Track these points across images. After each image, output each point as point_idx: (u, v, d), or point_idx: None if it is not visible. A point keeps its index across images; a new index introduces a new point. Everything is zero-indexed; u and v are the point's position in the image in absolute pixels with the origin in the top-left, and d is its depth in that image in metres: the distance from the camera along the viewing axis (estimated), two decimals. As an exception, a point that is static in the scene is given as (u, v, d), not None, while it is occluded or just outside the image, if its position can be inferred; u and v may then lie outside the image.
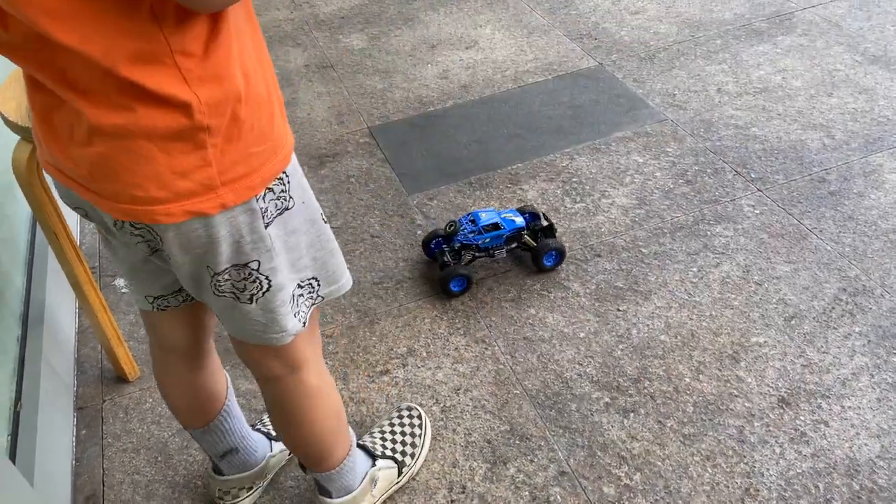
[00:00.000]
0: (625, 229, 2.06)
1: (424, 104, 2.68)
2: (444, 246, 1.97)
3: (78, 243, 2.15)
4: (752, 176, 2.19)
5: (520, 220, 1.93)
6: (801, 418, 1.56)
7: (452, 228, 1.93)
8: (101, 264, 2.14)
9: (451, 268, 1.88)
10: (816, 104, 2.45)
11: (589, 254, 2.00)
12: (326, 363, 1.77)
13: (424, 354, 1.78)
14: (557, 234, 2.04)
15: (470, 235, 1.91)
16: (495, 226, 1.91)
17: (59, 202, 1.50)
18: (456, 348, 1.78)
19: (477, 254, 1.94)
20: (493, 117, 2.57)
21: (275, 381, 1.13)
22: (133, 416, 1.71)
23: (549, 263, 1.94)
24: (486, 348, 1.77)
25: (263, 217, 0.92)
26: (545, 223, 1.97)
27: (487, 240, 1.91)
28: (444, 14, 3.24)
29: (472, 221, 1.91)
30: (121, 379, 1.79)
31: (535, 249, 1.92)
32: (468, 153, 2.42)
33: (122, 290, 2.04)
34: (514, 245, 1.96)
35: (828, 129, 2.34)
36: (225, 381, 1.33)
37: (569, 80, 2.71)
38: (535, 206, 2.15)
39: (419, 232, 2.13)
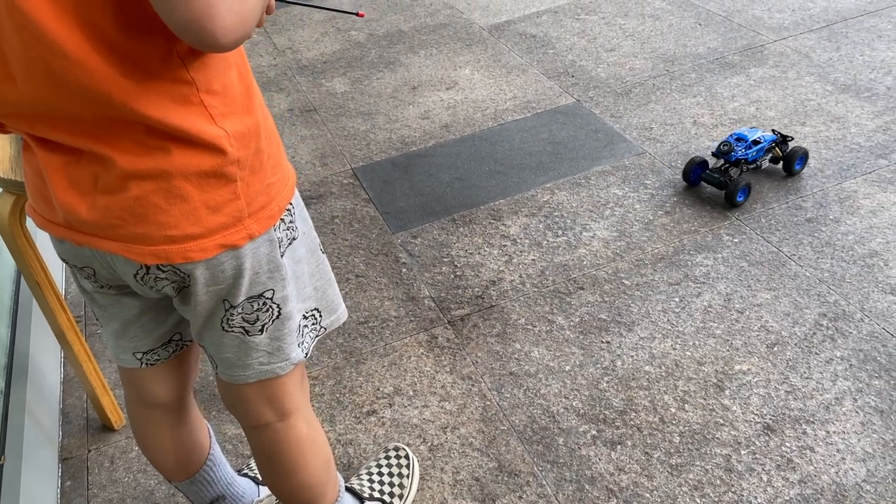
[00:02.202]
0: (606, 262, 2.08)
1: (407, 144, 2.72)
2: (707, 170, 2.27)
3: (63, 293, 2.15)
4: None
5: (770, 135, 2.28)
6: (787, 445, 1.56)
7: (727, 147, 2.23)
8: (86, 313, 2.14)
9: (733, 182, 2.18)
10: (790, 133, 2.50)
11: (572, 287, 2.01)
12: (313, 405, 1.77)
13: (411, 393, 1.78)
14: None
15: (743, 151, 2.22)
16: (756, 141, 2.25)
17: (42, 252, 1.51)
18: (443, 386, 1.79)
19: (747, 166, 2.26)
20: (475, 155, 2.61)
21: (264, 428, 1.13)
22: (119, 465, 1.69)
23: (798, 167, 2.29)
24: (472, 385, 1.78)
25: (280, 246, 0.95)
26: (780, 137, 2.29)
27: (754, 153, 2.24)
28: (424, 56, 3.31)
29: (739, 140, 2.24)
30: (106, 428, 1.78)
31: (786, 157, 2.27)
32: (451, 191, 2.45)
33: (108, 338, 2.04)
34: (769, 156, 2.29)
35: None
36: (207, 430, 1.33)
37: (547, 117, 2.76)
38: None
39: (404, 270, 2.15)
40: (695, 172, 2.29)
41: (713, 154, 2.26)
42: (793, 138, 2.30)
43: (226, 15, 0.68)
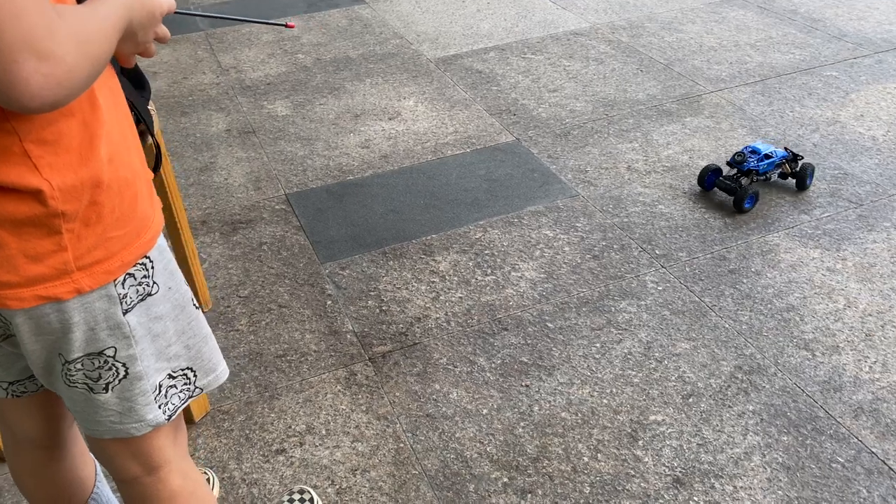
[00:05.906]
0: (532, 303, 2.08)
1: (344, 172, 2.69)
2: (720, 177, 2.45)
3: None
4: (657, 252, 2.25)
5: (782, 152, 2.45)
6: (695, 499, 1.56)
7: (741, 158, 2.41)
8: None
9: (742, 189, 2.36)
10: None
11: (497, 327, 2.00)
12: (221, 441, 1.71)
13: (324, 432, 1.73)
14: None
15: (755, 163, 2.40)
16: (768, 155, 2.42)
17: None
18: (357, 426, 1.74)
19: (757, 177, 2.44)
20: (411, 188, 2.59)
21: (132, 482, 1.06)
22: None
23: (810, 182, 2.49)
24: (387, 426, 1.74)
25: (122, 303, 0.89)
26: (791, 154, 2.47)
27: (765, 165, 2.41)
28: (369, 84, 3.29)
29: (753, 152, 2.43)
30: (-3, 458, 1.69)
31: (797, 173, 2.46)
32: (384, 223, 2.43)
33: None
34: (778, 171, 2.47)
35: (729, 208, 2.43)
36: (93, 465, 1.26)
37: (486, 153, 2.77)
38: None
39: (329, 302, 2.11)
40: (709, 179, 2.47)
41: (727, 163, 2.45)
42: (802, 157, 2.49)
43: (31, 77, 0.63)
